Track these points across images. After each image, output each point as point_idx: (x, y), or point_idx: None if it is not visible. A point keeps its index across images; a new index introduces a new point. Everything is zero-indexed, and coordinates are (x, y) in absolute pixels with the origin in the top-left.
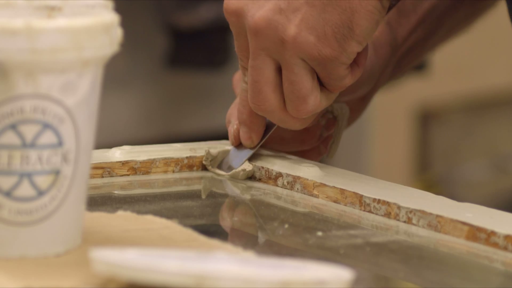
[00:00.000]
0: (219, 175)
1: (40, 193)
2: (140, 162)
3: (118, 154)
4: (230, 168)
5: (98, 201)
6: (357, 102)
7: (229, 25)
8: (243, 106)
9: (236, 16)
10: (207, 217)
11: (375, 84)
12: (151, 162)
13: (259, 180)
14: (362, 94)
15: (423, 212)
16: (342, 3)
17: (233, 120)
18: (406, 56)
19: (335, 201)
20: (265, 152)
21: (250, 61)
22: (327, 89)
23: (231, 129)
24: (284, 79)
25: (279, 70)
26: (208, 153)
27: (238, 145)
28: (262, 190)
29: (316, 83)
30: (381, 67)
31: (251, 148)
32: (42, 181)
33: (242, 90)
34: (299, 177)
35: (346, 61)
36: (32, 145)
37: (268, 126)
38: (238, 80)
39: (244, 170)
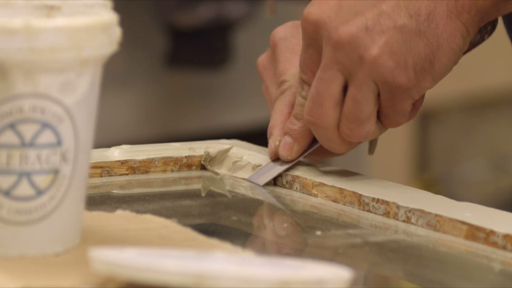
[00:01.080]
0: (217, 174)
1: (39, 192)
2: (139, 162)
3: (117, 153)
4: (261, 179)
5: (97, 201)
6: None
7: (302, 35)
8: (297, 119)
9: (315, 27)
10: (206, 217)
11: None
12: (150, 161)
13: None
14: None
15: (422, 211)
16: (430, 36)
17: (275, 133)
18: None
19: (334, 201)
20: (262, 151)
21: (320, 72)
22: (381, 123)
23: (272, 144)
24: (348, 97)
25: (344, 89)
26: (207, 154)
27: (275, 160)
28: (261, 189)
29: (375, 111)
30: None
31: (286, 162)
32: (41, 180)
33: (298, 104)
34: (298, 176)
35: (415, 95)
36: (31, 144)
37: (310, 146)
38: (266, 65)
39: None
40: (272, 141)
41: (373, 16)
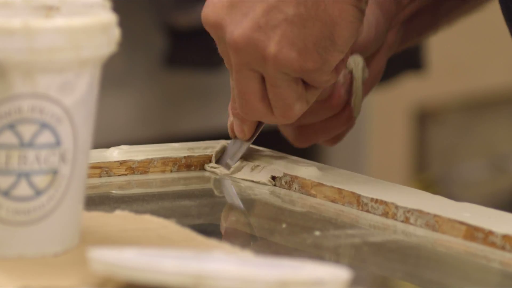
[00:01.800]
0: (216, 172)
1: (38, 192)
2: (138, 162)
3: (116, 153)
4: (227, 165)
5: (96, 201)
6: (371, 61)
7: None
8: (234, 101)
9: (215, 29)
10: (205, 217)
11: (385, 42)
12: (149, 161)
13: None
14: (373, 51)
15: (420, 211)
16: (321, 17)
17: (229, 112)
18: (415, 17)
19: (332, 201)
20: (263, 152)
21: (234, 74)
22: (312, 86)
23: (228, 122)
24: (268, 91)
25: (263, 79)
26: (217, 152)
27: (235, 138)
28: (260, 190)
29: (301, 89)
30: (387, 21)
31: (246, 141)
32: (40, 180)
33: (232, 88)
34: (297, 177)
35: (328, 69)
36: (30, 144)
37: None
38: None
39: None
40: (229, 120)
41: (262, 13)
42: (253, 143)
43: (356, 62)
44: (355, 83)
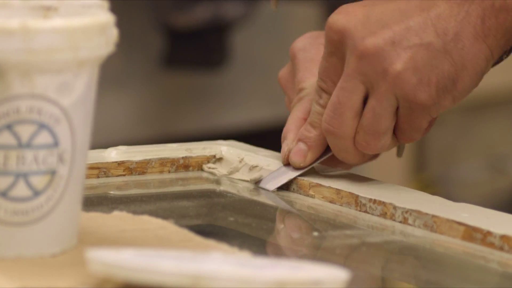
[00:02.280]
0: (214, 173)
1: (36, 193)
2: (136, 162)
3: (114, 154)
4: (271, 184)
5: (94, 201)
6: None
7: (325, 42)
8: (313, 127)
9: (340, 35)
10: (203, 217)
11: None
12: (147, 162)
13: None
14: None
15: (419, 212)
16: (455, 56)
17: (289, 137)
18: None
19: (331, 201)
20: (262, 152)
21: (342, 82)
22: (396, 136)
23: (286, 148)
24: (368, 109)
25: (364, 100)
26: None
27: (287, 165)
28: (258, 190)
29: (392, 126)
30: None
31: (298, 169)
32: (38, 181)
33: (315, 112)
34: (295, 178)
35: (434, 113)
36: (28, 145)
37: (323, 154)
38: (287, 77)
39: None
40: (286, 145)
41: (400, 31)
42: (252, 144)
43: None
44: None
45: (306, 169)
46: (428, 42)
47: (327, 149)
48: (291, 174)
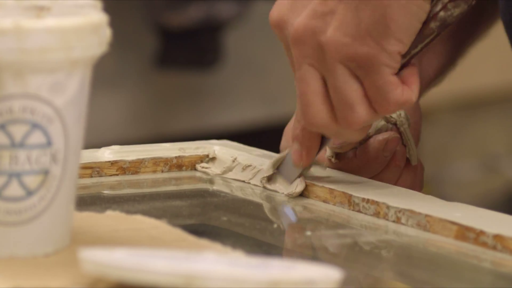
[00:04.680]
0: (207, 172)
1: (29, 193)
2: (129, 162)
3: (107, 154)
4: (282, 182)
5: (87, 201)
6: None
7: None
8: (297, 121)
9: (279, 28)
10: (196, 217)
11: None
12: (140, 162)
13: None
14: None
15: (412, 211)
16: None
17: (284, 139)
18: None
19: (324, 201)
20: (255, 151)
21: (296, 72)
22: (374, 110)
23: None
24: (329, 88)
25: (325, 81)
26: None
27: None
28: (251, 190)
29: (360, 93)
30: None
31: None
32: (31, 181)
33: (297, 108)
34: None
35: (387, 62)
36: (21, 145)
37: (322, 142)
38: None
39: (295, 190)
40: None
41: (318, 2)
42: (245, 143)
43: (397, 113)
44: (405, 135)
45: (309, 165)
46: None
47: (323, 137)
48: (297, 172)
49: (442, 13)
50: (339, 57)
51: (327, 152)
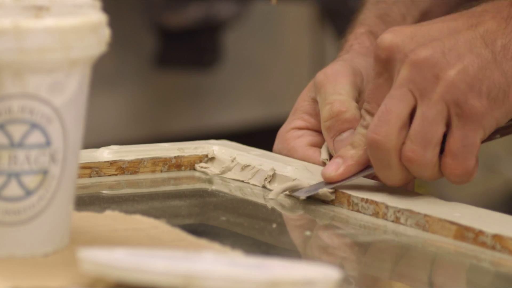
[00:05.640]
0: (206, 172)
1: (28, 193)
2: (128, 162)
3: (106, 153)
4: (302, 192)
5: (86, 201)
6: None
7: (373, 63)
8: (354, 147)
9: (388, 52)
10: (195, 217)
11: None
12: (139, 161)
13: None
14: None
15: (411, 211)
16: (505, 66)
17: (277, 141)
18: None
19: (323, 201)
20: (254, 151)
21: (391, 91)
22: (444, 165)
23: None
24: (417, 117)
25: (412, 114)
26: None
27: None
28: (250, 190)
29: (441, 138)
30: None
31: (331, 183)
32: (30, 181)
33: (358, 133)
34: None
35: (488, 126)
36: (20, 145)
37: (358, 173)
38: (303, 96)
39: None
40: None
41: (449, 42)
42: (244, 143)
43: None
44: None
45: (338, 183)
46: (478, 52)
47: (367, 168)
48: (323, 186)
49: None
50: (447, 97)
51: (322, 154)
